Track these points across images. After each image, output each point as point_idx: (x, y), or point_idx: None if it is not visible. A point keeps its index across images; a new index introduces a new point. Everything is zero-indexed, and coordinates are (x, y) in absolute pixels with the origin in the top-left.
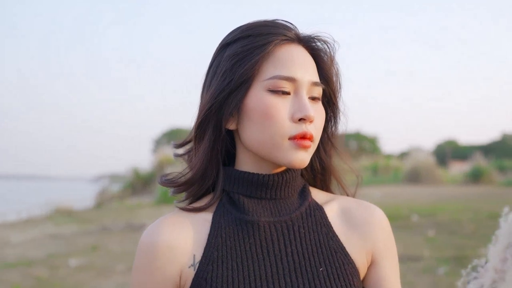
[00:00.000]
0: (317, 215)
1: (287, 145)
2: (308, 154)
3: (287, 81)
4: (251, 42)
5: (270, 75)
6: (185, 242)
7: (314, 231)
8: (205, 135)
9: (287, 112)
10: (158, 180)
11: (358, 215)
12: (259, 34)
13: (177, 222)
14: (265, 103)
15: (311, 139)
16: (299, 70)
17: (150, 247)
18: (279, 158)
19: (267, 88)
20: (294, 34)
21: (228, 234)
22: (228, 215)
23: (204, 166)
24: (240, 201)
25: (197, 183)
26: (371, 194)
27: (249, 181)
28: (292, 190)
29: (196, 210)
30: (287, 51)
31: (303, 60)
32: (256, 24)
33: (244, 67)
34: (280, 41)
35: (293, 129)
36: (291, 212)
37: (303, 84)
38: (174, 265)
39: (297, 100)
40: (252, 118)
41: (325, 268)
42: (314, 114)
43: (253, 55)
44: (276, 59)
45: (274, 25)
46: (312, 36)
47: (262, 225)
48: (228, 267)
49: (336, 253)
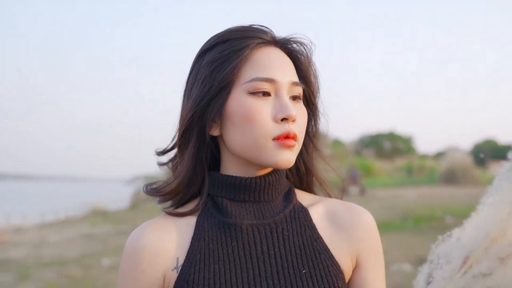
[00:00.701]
0: (301, 217)
1: (271, 146)
2: (293, 153)
3: (266, 82)
4: (228, 47)
5: (249, 78)
6: (169, 245)
7: (298, 233)
8: (189, 143)
9: (269, 113)
10: (143, 189)
11: (344, 217)
12: (236, 39)
13: (162, 226)
14: (246, 106)
15: (295, 138)
16: (277, 71)
17: (135, 251)
18: (264, 160)
19: (247, 91)
20: (271, 37)
21: (211, 237)
22: (212, 219)
23: (190, 174)
24: (224, 205)
25: (183, 191)
26: (405, 195)
27: (232, 184)
28: (276, 193)
29: (181, 214)
30: (264, 53)
31: (280, 61)
32: (233, 30)
33: (223, 73)
34: (257, 44)
35: (276, 130)
36: (275, 215)
37: (283, 84)
38: (158, 268)
39: (278, 100)
40: (234, 122)
41: (309, 270)
42: (296, 114)
43: (231, 60)
44: (254, 62)
45: (250, 29)
46: (288, 38)
47: (245, 228)
48: (210, 270)
49: (320, 255)
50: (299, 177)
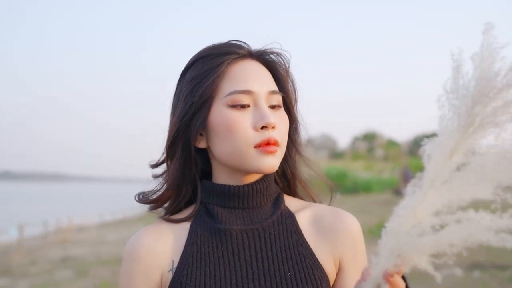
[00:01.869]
0: (288, 223)
1: (254, 153)
2: (276, 158)
3: (244, 94)
4: (205, 65)
5: (227, 92)
6: (165, 248)
7: (284, 238)
8: (175, 155)
9: (249, 123)
10: (135, 197)
11: (328, 222)
12: (213, 56)
13: (158, 231)
14: (227, 118)
15: (276, 144)
16: (254, 83)
17: (133, 254)
18: (249, 166)
19: (226, 104)
20: (247, 51)
21: (203, 241)
22: (204, 224)
23: (176, 183)
24: (215, 211)
25: (171, 199)
26: None
27: (222, 192)
28: (264, 199)
29: (176, 221)
30: (241, 67)
31: (257, 73)
32: (210, 47)
33: (201, 89)
34: (233, 60)
35: (257, 137)
36: (263, 220)
37: (261, 94)
38: (155, 269)
39: (257, 110)
40: (218, 133)
41: (294, 273)
42: (275, 121)
43: (208, 76)
44: (231, 76)
45: (226, 45)
46: (264, 50)
47: (234, 233)
48: (201, 272)
49: (305, 259)
50: (286, 181)
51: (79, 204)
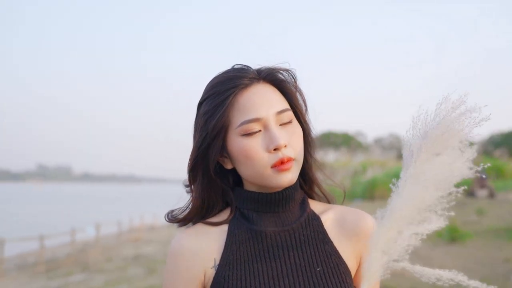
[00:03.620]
0: (315, 224)
1: (272, 173)
2: (292, 172)
3: (253, 122)
4: (215, 100)
5: (238, 123)
6: (207, 248)
7: (312, 238)
8: (196, 179)
9: (262, 147)
10: (165, 217)
11: (349, 222)
12: (219, 92)
13: (200, 232)
14: (242, 147)
15: (290, 160)
16: (261, 109)
17: (179, 252)
18: (270, 184)
19: (240, 133)
20: (253, 76)
21: (241, 241)
22: (241, 226)
23: (200, 203)
24: (250, 215)
25: (198, 215)
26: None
27: (255, 199)
28: (292, 204)
29: (215, 224)
30: (247, 96)
31: (263, 97)
32: (217, 80)
33: (213, 123)
34: (240, 90)
35: (272, 159)
36: (292, 223)
37: (269, 118)
38: (198, 266)
39: (268, 133)
40: (238, 159)
41: (322, 268)
42: (285, 140)
43: (218, 111)
44: (239, 107)
45: (232, 77)
46: (271, 71)
47: (269, 234)
48: (241, 268)
49: (331, 256)
50: (306, 185)
51: (150, 204)
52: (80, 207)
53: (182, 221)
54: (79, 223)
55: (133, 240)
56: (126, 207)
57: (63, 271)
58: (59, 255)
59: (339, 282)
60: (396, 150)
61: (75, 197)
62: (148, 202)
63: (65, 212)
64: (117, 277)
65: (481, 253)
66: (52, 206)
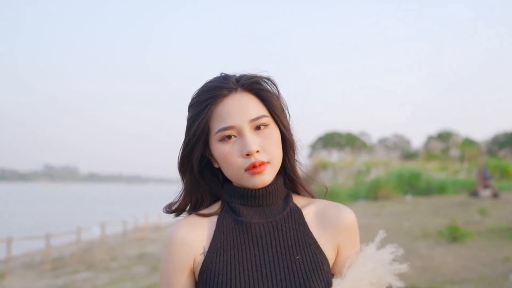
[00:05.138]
0: (296, 217)
1: (246, 175)
2: (266, 174)
3: (228, 130)
4: (197, 108)
5: (216, 130)
6: (197, 237)
7: (293, 229)
8: (185, 175)
9: (237, 152)
10: (163, 210)
11: (329, 215)
12: (201, 101)
13: (192, 223)
14: (220, 152)
15: (263, 164)
16: (235, 117)
17: (171, 242)
18: (246, 185)
19: (217, 139)
20: (232, 86)
21: (228, 231)
22: (229, 218)
23: (188, 196)
24: (237, 208)
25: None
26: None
27: (241, 194)
28: (276, 198)
29: (206, 215)
30: (224, 105)
31: (239, 106)
32: (202, 89)
33: (193, 129)
34: (219, 99)
35: (245, 163)
36: (276, 215)
37: (243, 125)
38: (188, 254)
39: (241, 140)
40: (219, 162)
41: (301, 257)
42: (257, 146)
43: (198, 118)
44: (216, 116)
45: (213, 87)
46: (250, 79)
47: (253, 224)
48: (227, 255)
49: (310, 246)
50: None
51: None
52: (86, 207)
53: (175, 211)
54: (85, 222)
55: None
56: (131, 206)
57: (69, 270)
58: (65, 254)
59: (316, 269)
60: (400, 150)
61: (81, 197)
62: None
63: (71, 212)
64: (121, 276)
65: (482, 252)
66: (58, 206)
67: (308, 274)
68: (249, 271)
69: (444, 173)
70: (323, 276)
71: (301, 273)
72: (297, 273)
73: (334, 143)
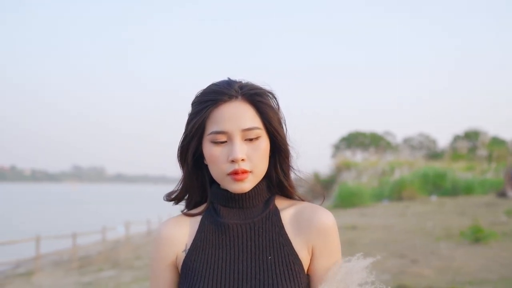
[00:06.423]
0: (274, 219)
1: (228, 179)
2: (246, 182)
3: (220, 134)
4: (198, 107)
5: (209, 132)
6: (181, 235)
7: (269, 230)
8: (183, 168)
9: (224, 156)
10: (163, 198)
11: (305, 217)
12: (203, 102)
13: (178, 221)
14: (210, 152)
15: (245, 173)
16: (229, 124)
17: (158, 238)
18: (227, 188)
19: (210, 140)
20: (233, 93)
21: (209, 230)
22: (211, 218)
23: (185, 187)
24: (218, 209)
25: (187, 198)
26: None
27: (223, 196)
28: (256, 201)
29: (193, 215)
30: (221, 111)
31: (235, 114)
32: (206, 90)
33: (190, 126)
34: (218, 103)
35: (229, 168)
36: (254, 217)
37: (234, 132)
38: (172, 250)
39: (230, 146)
40: (208, 162)
41: (273, 257)
42: (244, 155)
43: (196, 117)
44: (213, 118)
45: (216, 91)
46: (251, 90)
47: (232, 225)
48: (206, 253)
49: (283, 247)
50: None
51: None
52: (112, 207)
53: (174, 200)
54: (110, 222)
55: None
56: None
57: (94, 268)
58: (91, 253)
59: (287, 270)
60: (425, 150)
61: (108, 197)
62: None
63: (97, 211)
64: (145, 274)
65: (505, 253)
66: (86, 206)
67: (278, 274)
68: (224, 269)
69: (471, 173)
70: (293, 277)
71: (271, 272)
72: (268, 272)
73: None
